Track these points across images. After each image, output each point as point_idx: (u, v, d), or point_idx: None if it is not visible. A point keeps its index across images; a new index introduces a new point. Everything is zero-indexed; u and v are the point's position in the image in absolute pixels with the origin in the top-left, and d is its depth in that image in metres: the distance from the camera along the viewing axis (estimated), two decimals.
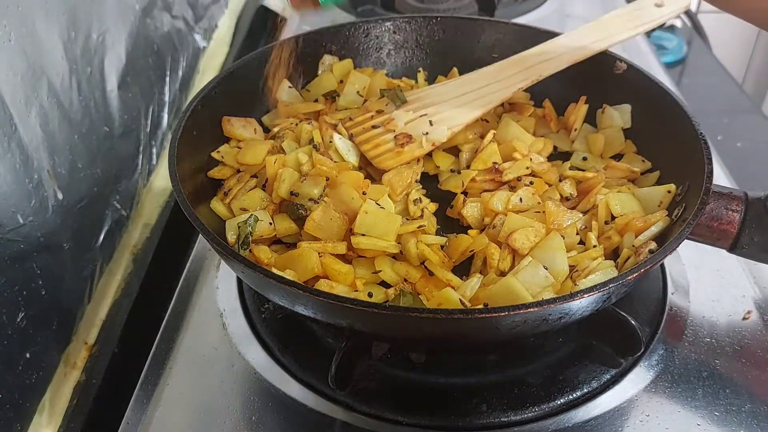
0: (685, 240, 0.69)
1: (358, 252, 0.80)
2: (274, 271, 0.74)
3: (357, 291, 0.78)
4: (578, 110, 1.01)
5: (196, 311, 0.90)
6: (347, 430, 0.75)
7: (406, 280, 0.80)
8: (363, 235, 0.79)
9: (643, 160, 0.94)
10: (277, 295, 0.70)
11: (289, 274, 0.75)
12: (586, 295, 0.62)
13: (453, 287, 0.76)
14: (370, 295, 0.78)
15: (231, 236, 0.82)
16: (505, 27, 1.09)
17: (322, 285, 0.76)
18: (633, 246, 0.79)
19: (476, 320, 0.62)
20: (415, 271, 0.80)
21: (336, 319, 0.69)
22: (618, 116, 0.98)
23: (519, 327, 0.64)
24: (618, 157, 0.97)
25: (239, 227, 0.81)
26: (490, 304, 0.73)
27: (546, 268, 0.76)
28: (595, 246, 0.81)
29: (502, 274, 0.79)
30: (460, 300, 0.72)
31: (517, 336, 0.70)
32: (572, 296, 0.62)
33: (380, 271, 0.79)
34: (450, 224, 0.90)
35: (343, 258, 0.80)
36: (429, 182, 0.96)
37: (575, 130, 1.00)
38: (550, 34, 1.02)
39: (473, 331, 0.67)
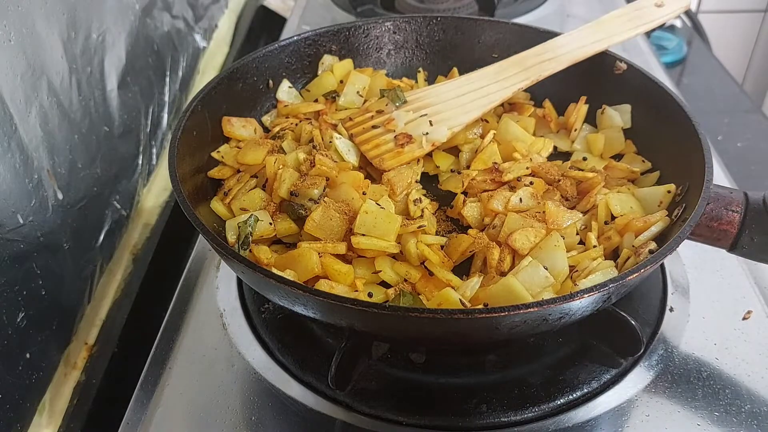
0: (685, 240, 0.69)
1: (358, 252, 0.80)
2: (274, 271, 0.74)
3: (357, 291, 0.78)
4: (578, 110, 1.01)
5: (196, 311, 0.90)
6: (347, 430, 0.75)
7: (406, 280, 0.80)
8: (363, 235, 0.79)
9: (643, 160, 0.94)
10: (277, 295, 0.70)
11: (289, 274, 0.75)
12: (586, 295, 0.62)
13: (453, 287, 0.76)
14: (370, 295, 0.78)
15: (231, 236, 0.82)
16: (505, 27, 1.09)
17: (322, 285, 0.76)
18: (633, 246, 0.79)
19: (476, 320, 0.62)
20: (415, 271, 0.80)
21: (336, 319, 0.69)
22: (618, 116, 0.98)
23: (519, 327, 0.64)
24: (618, 157, 0.97)
25: (239, 227, 0.81)
26: (490, 304, 0.73)
27: (546, 268, 0.76)
28: (595, 246, 0.81)
29: (502, 274, 0.79)
30: (460, 300, 0.72)
31: (517, 336, 0.70)
32: (572, 296, 0.62)
33: (380, 271, 0.79)
34: (450, 224, 0.90)
35: (343, 258, 0.80)
36: (429, 182, 0.96)
37: (575, 130, 1.00)
38: (550, 34, 1.02)
39: (473, 331, 0.67)
